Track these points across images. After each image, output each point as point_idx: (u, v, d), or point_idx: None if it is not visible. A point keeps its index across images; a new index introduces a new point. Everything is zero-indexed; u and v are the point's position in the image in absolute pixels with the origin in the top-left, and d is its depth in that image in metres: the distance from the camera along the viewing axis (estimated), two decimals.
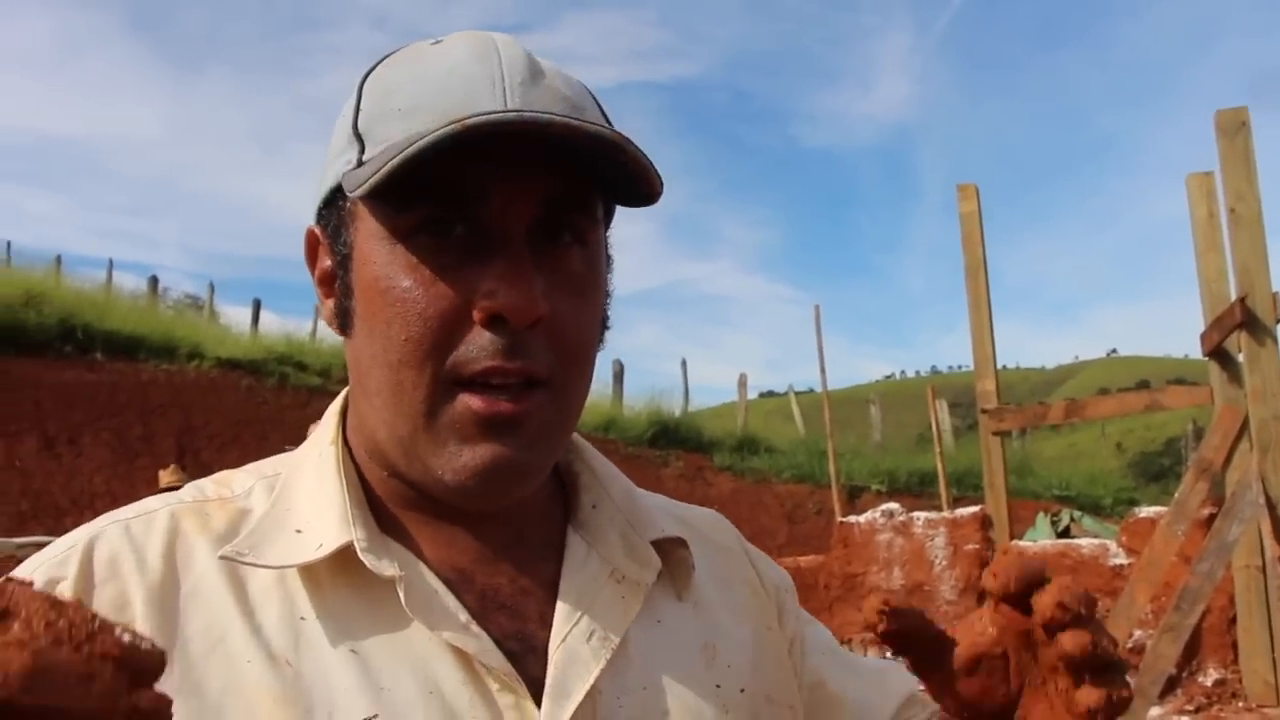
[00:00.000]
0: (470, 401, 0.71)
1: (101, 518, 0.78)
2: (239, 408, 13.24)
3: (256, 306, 19.91)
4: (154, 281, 20.35)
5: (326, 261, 0.79)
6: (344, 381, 0.82)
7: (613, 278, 0.83)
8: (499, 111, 0.68)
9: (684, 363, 20.73)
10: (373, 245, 0.73)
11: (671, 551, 0.84)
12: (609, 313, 0.83)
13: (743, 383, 20.74)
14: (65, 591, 0.69)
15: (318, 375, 14.05)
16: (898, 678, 0.92)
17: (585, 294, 0.76)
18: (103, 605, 0.70)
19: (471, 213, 0.71)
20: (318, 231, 0.80)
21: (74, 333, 12.74)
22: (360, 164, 0.73)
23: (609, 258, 0.82)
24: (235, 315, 20.57)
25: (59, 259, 18.50)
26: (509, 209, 0.71)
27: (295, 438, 0.87)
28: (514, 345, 0.70)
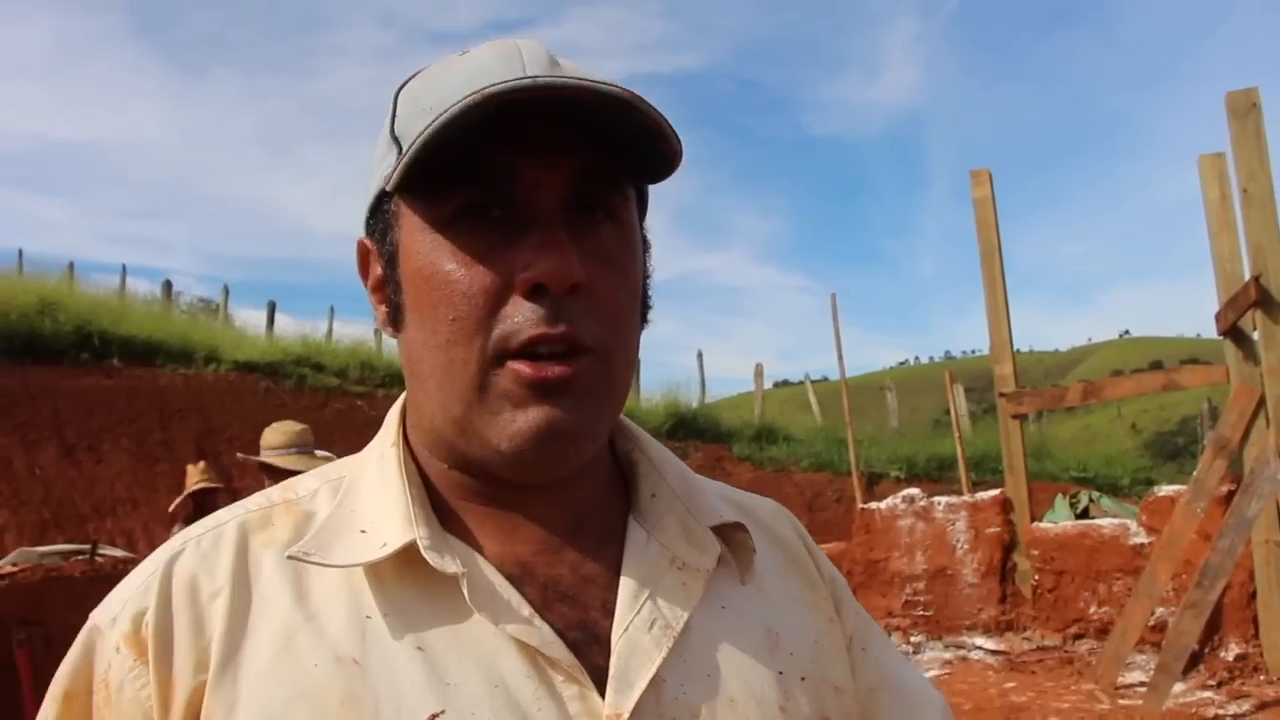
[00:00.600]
0: (519, 368, 0.72)
1: (178, 536, 0.81)
2: (257, 410, 13.26)
3: (271, 309, 19.94)
4: (168, 286, 20.39)
5: (378, 269, 0.82)
6: (361, 381, 0.85)
7: (650, 261, 0.85)
8: (513, 79, 0.70)
9: (700, 354, 20.75)
10: (416, 238, 0.76)
11: (731, 536, 0.85)
12: (650, 295, 0.84)
13: (759, 373, 20.72)
14: (149, 624, 0.73)
15: (335, 376, 14.08)
16: (932, 701, 0.93)
17: (619, 266, 0.77)
18: (182, 632, 0.73)
19: (505, 195, 0.73)
20: (368, 242, 0.83)
21: (90, 339, 12.78)
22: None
23: (645, 240, 0.84)
24: (250, 318, 20.62)
25: (72, 266, 18.54)
26: (539, 186, 0.73)
27: (316, 439, 0.89)
28: (556, 312, 0.72)
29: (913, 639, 8.87)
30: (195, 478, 6.17)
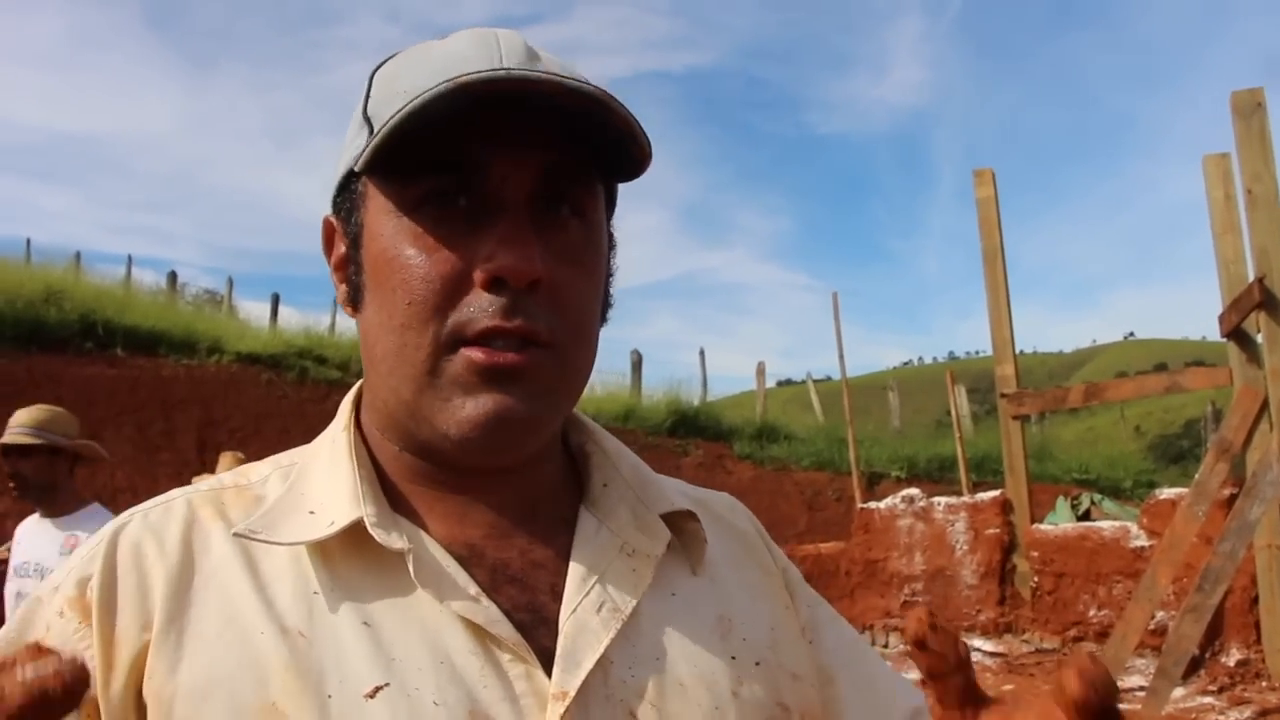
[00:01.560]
0: (472, 354, 0.73)
1: (127, 511, 0.82)
2: (259, 402, 13.28)
3: (275, 301, 19.98)
4: (173, 277, 20.43)
5: (341, 247, 0.82)
6: (362, 374, 0.84)
7: (615, 259, 0.86)
8: (488, 70, 0.70)
9: (702, 352, 20.68)
10: (381, 219, 0.77)
11: (683, 526, 0.86)
12: (611, 293, 0.85)
13: (761, 371, 20.70)
14: (94, 588, 0.75)
15: (337, 369, 14.08)
16: (904, 693, 0.93)
17: (583, 264, 0.78)
18: (126, 594, 0.74)
19: (473, 183, 0.74)
20: (333, 220, 0.83)
21: (94, 329, 12.80)
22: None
23: (611, 238, 0.85)
24: (254, 310, 20.66)
25: (78, 255, 18.59)
26: (508, 178, 0.74)
27: (316, 430, 0.89)
28: (513, 305, 0.73)
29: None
30: (228, 463, 6.15)
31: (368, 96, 0.79)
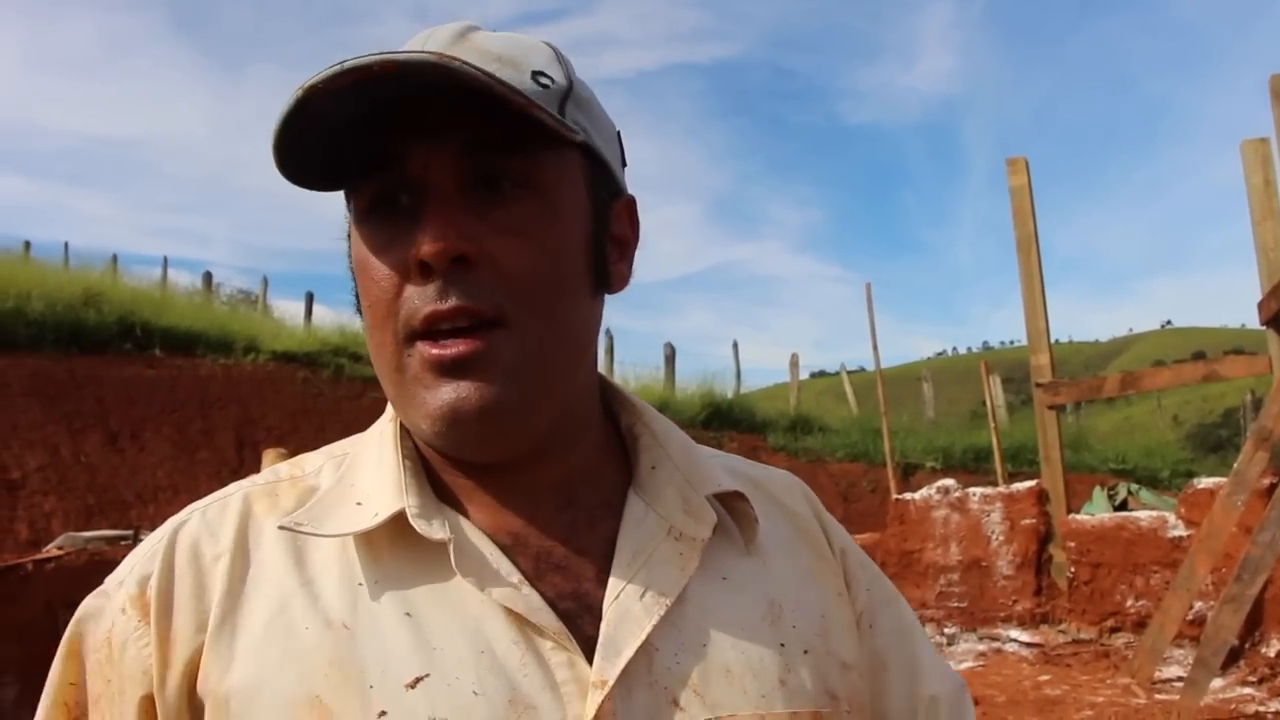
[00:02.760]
0: (424, 350, 0.74)
1: (188, 507, 0.84)
2: (296, 400, 13.41)
3: (309, 300, 20.13)
4: (208, 278, 20.64)
5: None
6: None
7: (611, 225, 0.84)
8: (332, 68, 0.69)
9: (735, 344, 20.63)
10: (354, 231, 0.79)
11: (734, 506, 0.85)
12: (605, 261, 0.83)
13: (794, 363, 20.66)
14: (153, 587, 0.77)
15: (371, 365, 14.18)
16: (938, 678, 0.92)
17: (533, 234, 0.75)
18: (183, 594, 0.76)
19: (406, 179, 0.74)
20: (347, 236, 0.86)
21: (133, 330, 12.97)
22: None
23: (600, 204, 0.83)
24: (288, 309, 20.82)
25: (115, 258, 18.79)
26: (429, 164, 0.74)
27: (352, 428, 0.91)
28: (445, 287, 0.73)
29: (947, 630, 8.83)
30: (271, 461, 6.21)
31: None
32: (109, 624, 0.78)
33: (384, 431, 0.84)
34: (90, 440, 11.82)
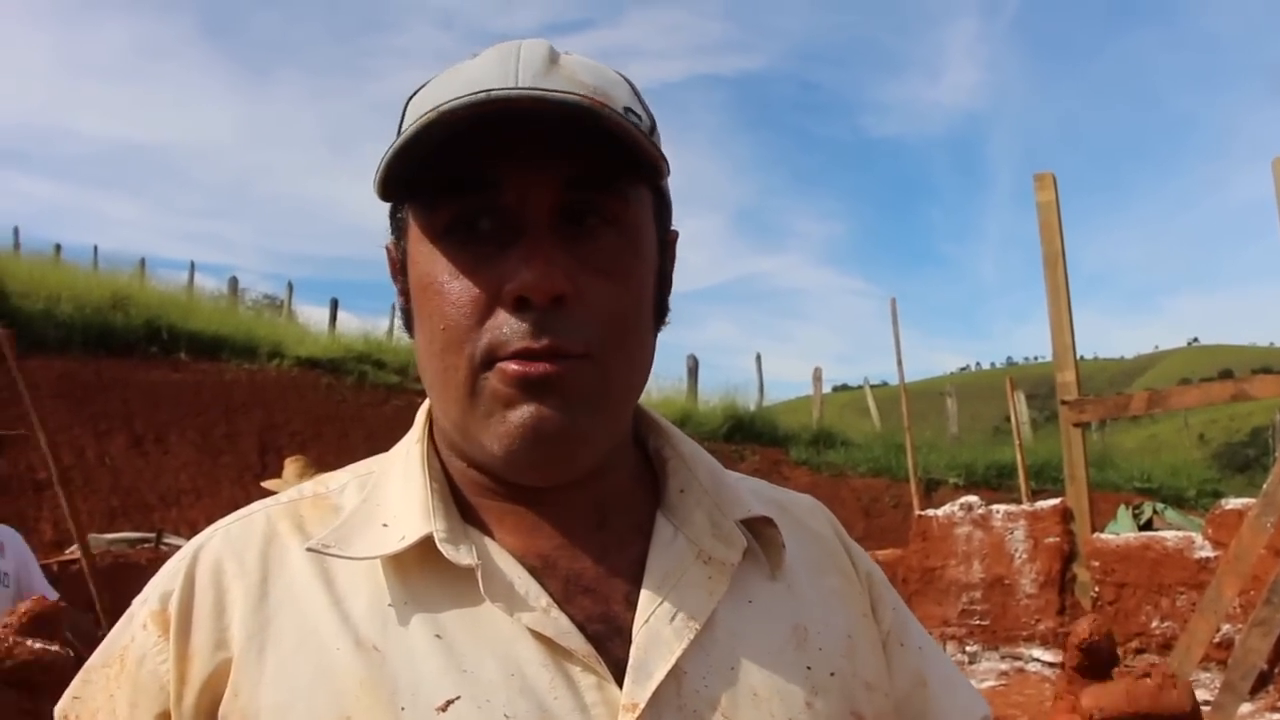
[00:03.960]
0: (507, 366, 0.73)
1: (212, 526, 0.84)
2: (319, 406, 13.48)
3: (334, 306, 20.23)
4: (234, 283, 20.79)
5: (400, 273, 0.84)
6: (421, 379, 0.86)
7: (671, 262, 0.85)
8: (468, 95, 0.70)
9: (758, 357, 20.62)
10: (418, 248, 0.78)
11: (761, 531, 0.85)
12: (667, 298, 0.85)
13: (818, 376, 20.58)
14: (174, 604, 0.77)
15: (395, 373, 14.26)
16: (977, 700, 0.95)
17: (618, 273, 0.77)
18: (203, 612, 0.76)
19: (495, 205, 0.74)
20: (392, 247, 0.85)
21: (159, 334, 13.08)
22: None
23: (665, 242, 0.84)
24: (313, 315, 20.95)
25: (143, 262, 18.99)
26: (528, 196, 0.74)
27: (375, 435, 0.91)
28: (541, 325, 0.73)
29: (968, 649, 8.76)
30: (295, 469, 6.20)
31: (401, 125, 0.79)
32: (128, 639, 0.78)
33: (410, 452, 0.84)
34: (115, 442, 11.91)
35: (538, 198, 0.74)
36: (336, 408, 13.60)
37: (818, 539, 0.93)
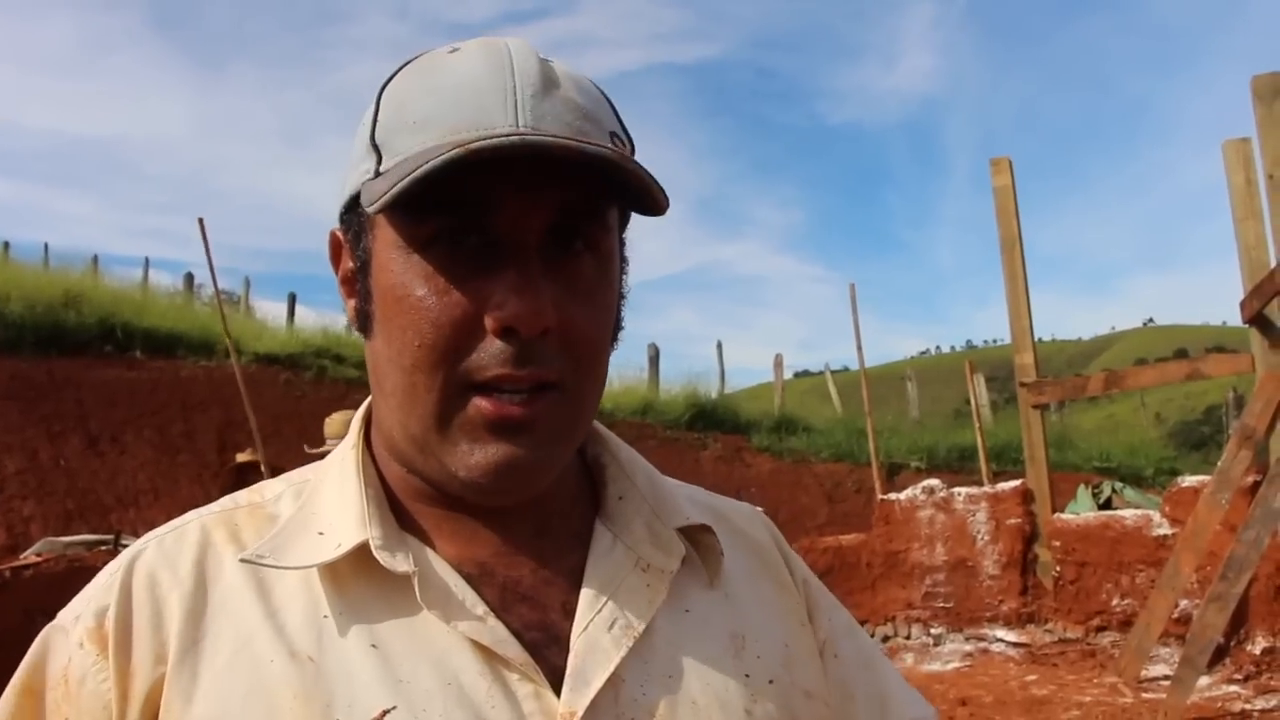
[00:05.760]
0: (481, 405, 0.73)
1: (145, 536, 0.82)
2: (278, 402, 13.32)
3: (292, 301, 20.06)
4: (190, 279, 20.52)
5: (349, 263, 0.82)
6: (371, 380, 0.84)
7: (627, 280, 0.84)
8: (503, 135, 0.69)
9: (719, 345, 20.62)
10: (390, 254, 0.75)
11: (700, 539, 0.85)
12: (622, 315, 0.84)
13: (779, 363, 20.66)
14: (110, 619, 0.75)
15: (355, 368, 14.11)
16: (912, 706, 0.94)
17: (594, 299, 0.77)
18: (141, 626, 0.74)
19: (484, 223, 0.72)
20: (340, 234, 0.83)
21: (113, 332, 12.87)
22: (378, 174, 0.74)
23: (624, 260, 0.83)
24: (271, 310, 20.75)
25: (96, 259, 18.71)
26: (520, 220, 0.72)
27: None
28: (523, 354, 0.72)
29: (933, 631, 8.84)
30: (241, 460, 6.27)
31: (375, 120, 0.77)
32: (65, 659, 0.76)
33: (345, 459, 0.83)
34: (70, 443, 11.73)
35: (530, 223, 0.72)
36: (296, 403, 13.46)
37: (756, 547, 0.93)
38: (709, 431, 15.83)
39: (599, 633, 0.76)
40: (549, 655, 0.74)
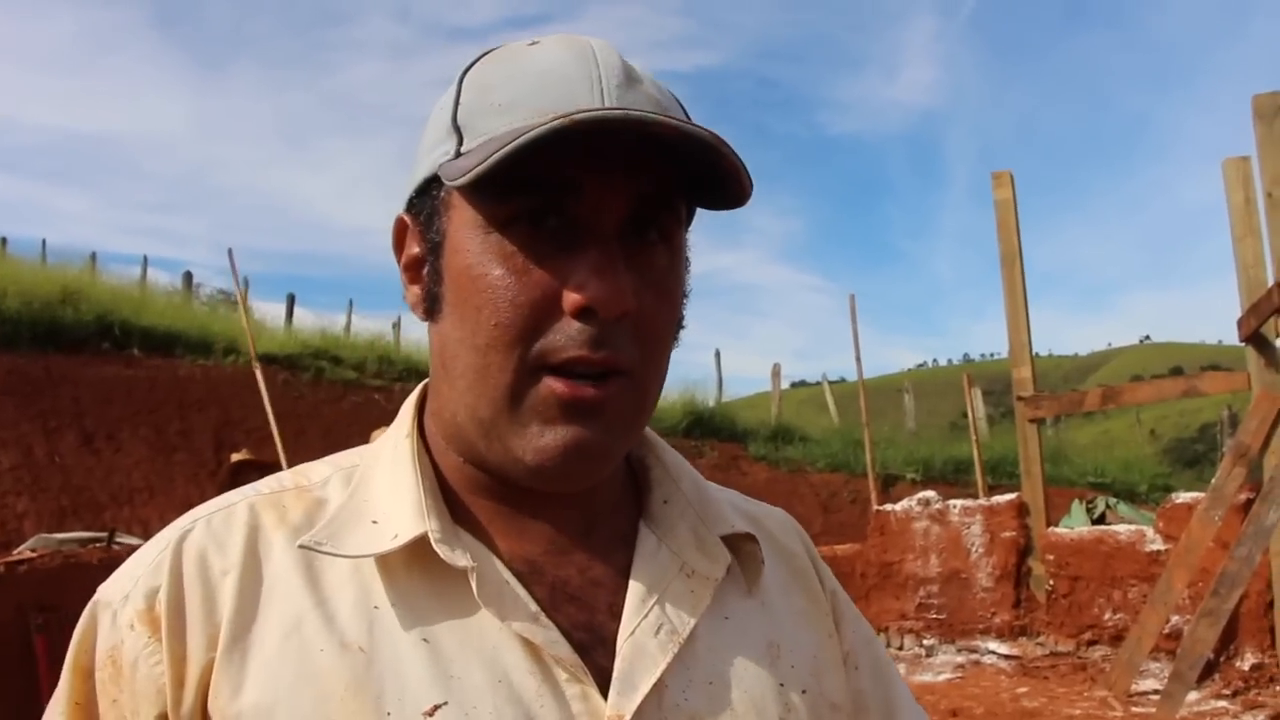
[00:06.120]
0: (554, 385, 0.73)
1: (188, 514, 0.81)
2: (275, 402, 13.28)
3: (290, 301, 20.02)
4: (188, 277, 20.48)
5: (415, 249, 0.81)
6: (379, 375, 0.84)
7: (689, 278, 0.84)
8: (604, 109, 0.70)
9: (717, 353, 20.66)
10: (467, 233, 0.75)
11: (741, 547, 0.86)
12: (684, 312, 0.84)
13: (776, 372, 20.66)
14: (162, 601, 0.74)
15: (353, 369, 14.09)
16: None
17: (666, 291, 0.77)
18: (194, 607, 0.74)
19: (565, 206, 0.72)
20: (407, 219, 0.82)
21: (111, 329, 12.84)
22: (459, 155, 0.74)
23: (687, 259, 0.83)
24: (269, 310, 20.71)
25: (94, 256, 18.65)
26: (602, 204, 0.72)
27: (332, 431, 0.90)
28: (601, 337, 0.72)
29: (925, 642, 8.84)
30: (236, 459, 6.26)
31: (457, 102, 0.77)
32: (115, 640, 0.75)
33: (399, 446, 0.83)
34: (65, 440, 11.71)
35: (612, 207, 0.73)
36: (293, 404, 13.43)
37: (789, 556, 0.94)
38: (706, 439, 15.83)
39: (645, 637, 0.76)
40: (596, 656, 0.75)
